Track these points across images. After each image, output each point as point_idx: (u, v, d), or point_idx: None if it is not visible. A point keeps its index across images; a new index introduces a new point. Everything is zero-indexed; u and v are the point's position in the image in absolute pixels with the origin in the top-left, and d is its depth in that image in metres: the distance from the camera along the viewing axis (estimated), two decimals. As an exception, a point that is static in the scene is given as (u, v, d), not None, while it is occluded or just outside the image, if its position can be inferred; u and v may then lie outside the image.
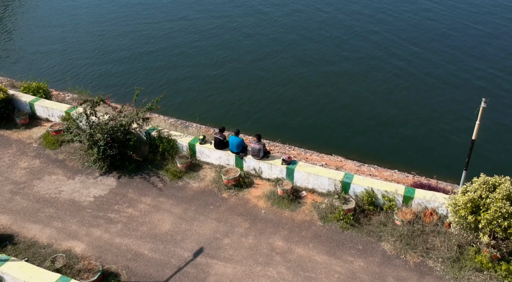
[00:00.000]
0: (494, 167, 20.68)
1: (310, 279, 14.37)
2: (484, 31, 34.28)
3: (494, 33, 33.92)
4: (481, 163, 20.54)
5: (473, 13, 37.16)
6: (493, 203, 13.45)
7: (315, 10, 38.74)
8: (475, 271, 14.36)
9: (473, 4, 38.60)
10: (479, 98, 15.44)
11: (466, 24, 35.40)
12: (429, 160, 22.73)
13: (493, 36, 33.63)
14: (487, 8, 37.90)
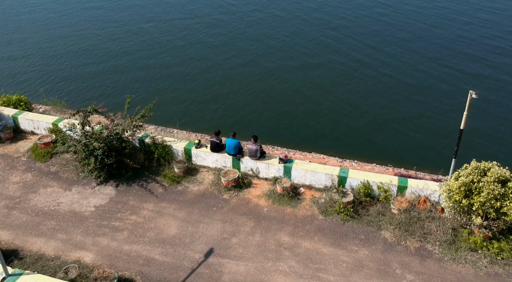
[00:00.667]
0: (473, 154, 22.07)
1: (320, 270, 15.02)
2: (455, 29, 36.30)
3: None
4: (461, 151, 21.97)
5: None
6: (486, 186, 14.57)
7: (274, 16, 39.74)
8: (470, 251, 15.45)
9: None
10: (446, 95, 16.68)
11: (444, 23, 37.35)
12: (405, 153, 23.81)
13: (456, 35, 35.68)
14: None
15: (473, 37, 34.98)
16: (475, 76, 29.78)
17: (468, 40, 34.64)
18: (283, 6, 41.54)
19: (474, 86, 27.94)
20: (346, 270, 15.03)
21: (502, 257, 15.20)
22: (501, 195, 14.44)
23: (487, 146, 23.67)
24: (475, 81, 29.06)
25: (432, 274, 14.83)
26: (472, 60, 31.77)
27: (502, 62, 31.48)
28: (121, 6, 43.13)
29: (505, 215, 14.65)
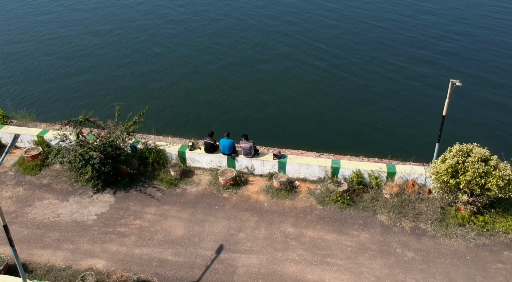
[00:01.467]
0: (448, 138, 23.73)
1: (328, 256, 15.96)
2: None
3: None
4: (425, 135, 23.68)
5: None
6: (471, 165, 16.03)
7: (229, 18, 40.58)
8: (459, 226, 16.90)
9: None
10: (406, 87, 18.04)
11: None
12: (377, 143, 25.01)
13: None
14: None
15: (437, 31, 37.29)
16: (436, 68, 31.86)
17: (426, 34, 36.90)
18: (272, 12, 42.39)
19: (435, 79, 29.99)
20: (351, 253, 16.04)
21: (487, 229, 16.73)
22: (485, 173, 15.94)
23: (457, 130, 25.47)
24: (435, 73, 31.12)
25: (428, 250, 16.11)
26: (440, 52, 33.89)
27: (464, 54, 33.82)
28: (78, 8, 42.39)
29: (489, 191, 16.17)
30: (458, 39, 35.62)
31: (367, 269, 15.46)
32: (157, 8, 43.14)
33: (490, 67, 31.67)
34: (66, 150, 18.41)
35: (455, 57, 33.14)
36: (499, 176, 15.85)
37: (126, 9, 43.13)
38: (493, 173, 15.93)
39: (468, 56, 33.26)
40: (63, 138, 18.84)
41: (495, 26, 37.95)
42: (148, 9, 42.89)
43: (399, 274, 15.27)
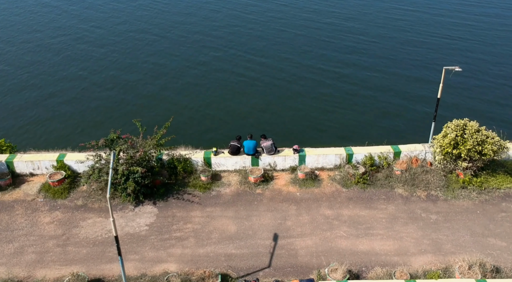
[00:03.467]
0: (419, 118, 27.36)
1: (369, 228, 18.40)
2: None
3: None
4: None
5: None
6: (470, 136, 19.38)
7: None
8: (462, 189, 20.20)
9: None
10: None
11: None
12: (352, 134, 28.15)
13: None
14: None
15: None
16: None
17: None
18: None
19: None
20: (387, 223, 18.64)
21: (484, 187, 20.20)
22: (482, 141, 19.37)
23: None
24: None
25: (446, 211, 19.18)
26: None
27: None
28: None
29: (485, 156, 19.62)
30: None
31: (404, 234, 18.12)
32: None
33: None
34: (101, 168, 19.02)
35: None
36: (493, 142, 19.34)
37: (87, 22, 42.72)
38: (487, 140, 19.38)
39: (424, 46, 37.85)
40: (99, 158, 19.43)
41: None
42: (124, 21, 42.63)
43: (431, 233, 18.10)
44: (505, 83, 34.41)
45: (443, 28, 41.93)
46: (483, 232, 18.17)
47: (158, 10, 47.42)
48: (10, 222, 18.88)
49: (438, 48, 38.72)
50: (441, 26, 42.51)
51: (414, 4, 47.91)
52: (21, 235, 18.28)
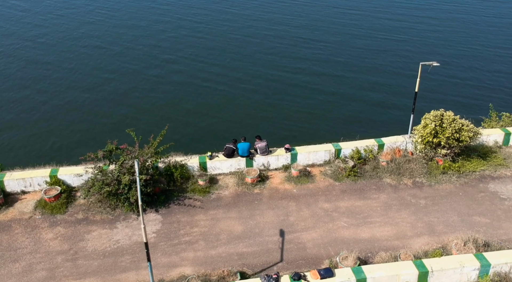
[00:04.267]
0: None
1: (366, 217, 19.61)
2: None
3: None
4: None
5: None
6: (448, 125, 21.06)
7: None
8: (443, 174, 21.88)
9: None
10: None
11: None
12: (335, 130, 29.65)
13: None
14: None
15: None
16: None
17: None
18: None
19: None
20: (382, 211, 19.93)
21: (462, 171, 21.97)
22: (459, 129, 21.11)
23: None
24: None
25: (432, 196, 20.74)
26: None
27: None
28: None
29: (462, 142, 21.38)
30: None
31: (399, 219, 19.47)
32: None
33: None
34: (104, 180, 19.08)
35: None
36: (468, 129, 21.14)
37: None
38: (464, 128, 21.15)
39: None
40: (98, 170, 19.47)
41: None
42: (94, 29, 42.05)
43: (423, 217, 19.57)
44: (473, 75, 36.90)
45: (422, 23, 44.38)
46: (468, 212, 19.85)
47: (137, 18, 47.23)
48: (11, 242, 18.54)
49: (416, 44, 41.13)
50: (420, 21, 44.97)
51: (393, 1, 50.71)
52: (26, 253, 18.02)
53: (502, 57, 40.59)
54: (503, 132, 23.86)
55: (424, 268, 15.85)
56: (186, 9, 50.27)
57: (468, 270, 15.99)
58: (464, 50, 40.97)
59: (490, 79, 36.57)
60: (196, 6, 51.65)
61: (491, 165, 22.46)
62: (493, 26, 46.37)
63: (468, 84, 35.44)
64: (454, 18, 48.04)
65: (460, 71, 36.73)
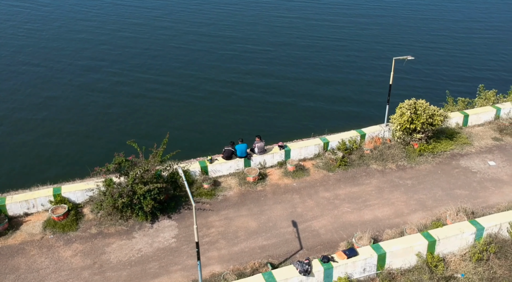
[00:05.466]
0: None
1: (365, 201, 21.52)
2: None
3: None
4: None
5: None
6: (422, 111, 23.56)
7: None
8: (420, 156, 24.39)
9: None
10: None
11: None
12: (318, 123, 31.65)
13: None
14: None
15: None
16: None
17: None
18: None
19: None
20: (377, 193, 21.96)
21: (436, 152, 24.61)
22: (432, 114, 23.68)
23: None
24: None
25: (416, 176, 23.12)
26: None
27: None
28: None
29: (434, 126, 23.99)
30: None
31: (394, 199, 21.58)
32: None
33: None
34: (120, 192, 19.45)
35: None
36: (439, 114, 23.79)
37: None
38: (436, 113, 23.76)
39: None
40: (109, 184, 19.77)
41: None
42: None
43: (413, 195, 21.83)
44: (429, 67, 40.29)
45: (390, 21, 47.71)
46: (449, 186, 22.40)
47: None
48: (30, 264, 18.38)
49: (387, 40, 44.29)
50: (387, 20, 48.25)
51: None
52: (50, 273, 17.98)
53: (453, 51, 44.64)
54: (462, 115, 26.91)
55: (432, 238, 17.94)
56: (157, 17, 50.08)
57: (467, 235, 18.32)
58: (421, 46, 44.62)
59: (444, 69, 40.22)
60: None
61: (458, 144, 25.31)
62: (443, 21, 50.82)
63: (424, 74, 38.74)
64: (416, 18, 52.16)
65: (418, 63, 40.15)
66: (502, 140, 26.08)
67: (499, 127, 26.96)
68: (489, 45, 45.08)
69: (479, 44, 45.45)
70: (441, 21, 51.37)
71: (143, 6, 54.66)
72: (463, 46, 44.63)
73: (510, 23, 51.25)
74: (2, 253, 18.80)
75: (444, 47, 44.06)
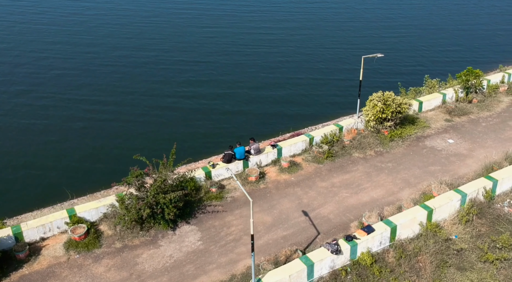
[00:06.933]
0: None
1: (359, 185, 24.07)
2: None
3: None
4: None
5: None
6: (392, 101, 26.71)
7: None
8: (391, 141, 27.55)
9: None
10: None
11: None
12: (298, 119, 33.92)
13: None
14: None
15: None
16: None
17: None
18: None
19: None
20: (366, 177, 24.64)
21: (404, 135, 27.92)
22: (400, 103, 26.92)
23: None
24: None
25: (394, 159, 26.15)
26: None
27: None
28: None
29: (402, 113, 27.27)
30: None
31: (382, 181, 24.38)
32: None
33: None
34: (146, 203, 20.21)
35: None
36: (405, 103, 27.11)
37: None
38: (403, 102, 27.04)
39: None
40: (129, 197, 20.48)
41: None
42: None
43: (396, 175, 24.79)
44: (385, 63, 43.79)
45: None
46: (423, 164, 25.69)
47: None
48: (66, 285, 18.64)
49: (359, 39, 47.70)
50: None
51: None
52: (90, 290, 18.39)
53: (399, 47, 48.86)
54: (417, 102, 30.59)
55: (429, 208, 20.86)
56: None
57: (455, 202, 21.49)
58: (371, 47, 48.42)
59: (392, 64, 44.08)
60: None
61: (419, 128, 28.86)
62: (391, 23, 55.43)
63: (377, 69, 42.30)
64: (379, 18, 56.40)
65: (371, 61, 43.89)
66: (453, 121, 30.08)
67: (447, 110, 30.98)
68: (428, 41, 50.37)
69: (420, 40, 50.60)
70: (389, 23, 56.23)
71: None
72: (408, 43, 49.47)
73: (446, 21, 57.31)
74: (33, 279, 18.78)
75: (392, 46, 48.26)
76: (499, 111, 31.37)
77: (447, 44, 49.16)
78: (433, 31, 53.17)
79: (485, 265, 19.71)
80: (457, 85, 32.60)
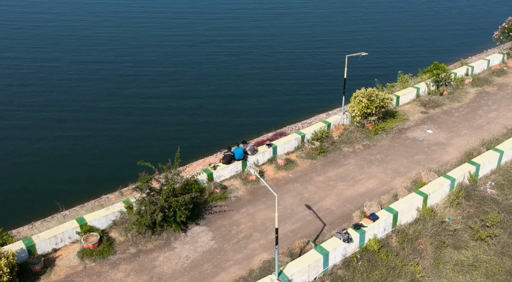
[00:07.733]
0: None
1: (353, 178, 25.40)
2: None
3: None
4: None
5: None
6: (376, 97, 28.30)
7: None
8: (376, 135, 29.13)
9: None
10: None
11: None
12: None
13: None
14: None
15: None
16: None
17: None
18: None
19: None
20: (359, 170, 26.03)
21: (387, 128, 29.58)
22: (383, 99, 28.55)
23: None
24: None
25: (381, 151, 27.71)
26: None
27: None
28: None
29: (385, 108, 28.92)
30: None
31: (374, 173, 25.83)
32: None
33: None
34: (161, 207, 20.64)
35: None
36: (387, 98, 28.78)
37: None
38: (385, 97, 28.69)
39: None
40: (141, 202, 20.87)
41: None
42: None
43: (386, 166, 26.34)
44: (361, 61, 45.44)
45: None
46: (409, 154, 27.40)
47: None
48: (88, 293, 18.84)
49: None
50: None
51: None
52: (113, 296, 18.67)
53: (373, 46, 50.75)
54: (395, 96, 32.39)
55: (424, 194, 22.44)
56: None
57: (445, 187, 23.20)
58: (350, 45, 50.07)
59: (368, 61, 45.84)
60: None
61: (399, 120, 30.64)
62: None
63: (355, 67, 43.93)
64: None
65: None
66: (428, 112, 32.08)
67: (422, 103, 32.98)
68: (397, 37, 52.83)
69: (390, 38, 52.97)
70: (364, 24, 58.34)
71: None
72: (381, 42, 51.69)
73: (412, 19, 59.89)
74: (53, 290, 18.86)
75: (366, 43, 50.22)
76: (467, 102, 33.67)
77: (413, 41, 51.69)
78: (400, 29, 55.64)
79: (477, 242, 21.46)
80: (428, 79, 34.71)
